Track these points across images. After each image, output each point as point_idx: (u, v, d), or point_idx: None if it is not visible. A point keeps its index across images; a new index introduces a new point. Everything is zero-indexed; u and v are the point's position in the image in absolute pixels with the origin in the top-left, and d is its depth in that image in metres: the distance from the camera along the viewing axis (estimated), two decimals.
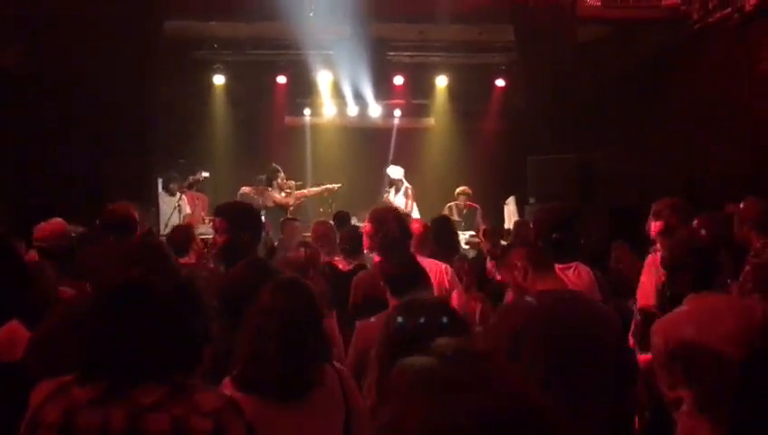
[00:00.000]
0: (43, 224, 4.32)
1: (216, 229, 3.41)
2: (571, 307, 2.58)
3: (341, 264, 4.70)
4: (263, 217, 7.09)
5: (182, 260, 4.00)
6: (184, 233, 4.49)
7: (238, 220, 3.34)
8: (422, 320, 1.71)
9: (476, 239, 8.71)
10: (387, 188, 8.72)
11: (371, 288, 3.48)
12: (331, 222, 5.67)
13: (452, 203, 9.18)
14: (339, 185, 8.94)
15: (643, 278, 3.68)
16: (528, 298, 2.60)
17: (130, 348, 1.56)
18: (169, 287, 1.63)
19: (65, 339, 1.84)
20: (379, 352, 1.70)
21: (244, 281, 2.57)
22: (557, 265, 3.37)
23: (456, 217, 9.04)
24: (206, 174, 8.97)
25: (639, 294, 3.66)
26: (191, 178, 8.99)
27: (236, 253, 3.20)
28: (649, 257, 3.74)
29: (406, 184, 8.74)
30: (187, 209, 8.71)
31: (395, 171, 8.77)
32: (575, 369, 2.42)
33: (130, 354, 1.56)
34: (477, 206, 9.23)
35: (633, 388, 2.70)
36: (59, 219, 4.41)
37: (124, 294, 1.60)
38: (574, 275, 3.42)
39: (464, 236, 8.91)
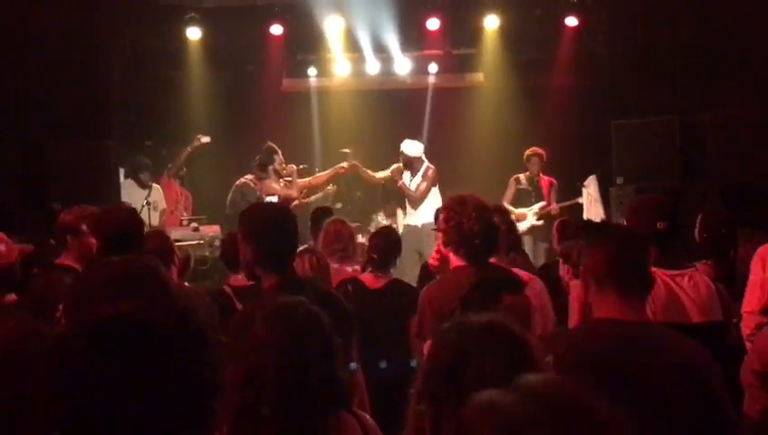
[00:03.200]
0: None
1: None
2: (635, 349, 2.48)
3: (369, 279, 4.85)
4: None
5: None
6: (160, 241, 4.53)
7: (256, 227, 3.37)
8: (467, 345, 1.76)
9: (548, 209, 8.83)
10: (402, 169, 8.78)
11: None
12: (349, 222, 5.79)
13: (520, 175, 9.41)
14: (353, 163, 9.00)
15: (751, 277, 3.78)
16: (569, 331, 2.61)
17: (125, 409, 1.51)
18: (170, 325, 1.61)
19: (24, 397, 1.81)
20: (423, 387, 1.77)
21: None
22: (664, 272, 3.43)
23: (524, 186, 9.13)
24: (206, 138, 9.13)
25: (746, 298, 3.77)
26: (188, 148, 9.14)
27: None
28: (761, 249, 3.81)
29: (426, 163, 8.78)
30: (163, 204, 8.89)
31: (411, 147, 8.82)
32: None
33: (125, 417, 1.51)
34: (554, 181, 9.34)
35: None
36: None
37: (115, 338, 1.55)
38: (689, 285, 3.46)
39: (531, 211, 9.01)
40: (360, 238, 8.13)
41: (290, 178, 8.66)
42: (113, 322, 1.60)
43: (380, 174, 9.22)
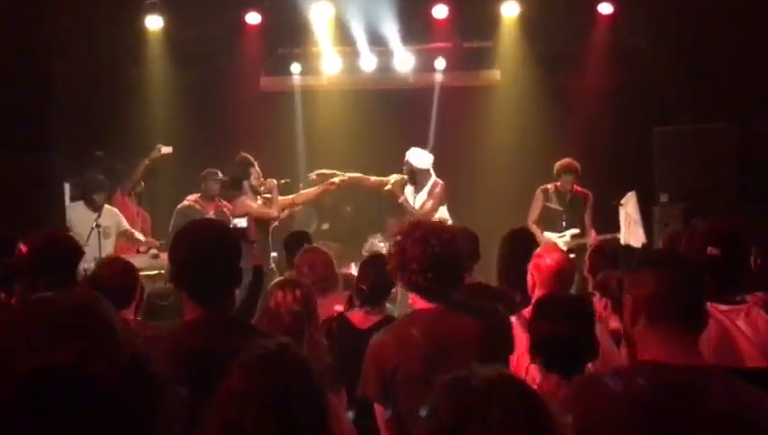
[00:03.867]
0: None
1: None
2: (685, 398, 2.48)
3: (358, 317, 4.89)
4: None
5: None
6: (127, 276, 4.64)
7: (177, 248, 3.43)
8: (478, 405, 1.77)
9: (583, 241, 8.85)
10: (405, 180, 8.81)
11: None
12: (323, 247, 5.94)
13: (549, 185, 9.35)
14: (344, 178, 9.03)
15: None
16: (610, 378, 2.60)
17: None
18: (117, 376, 1.61)
19: None
20: None
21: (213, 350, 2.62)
22: (717, 307, 3.47)
23: (553, 205, 9.14)
24: (167, 149, 9.19)
25: None
26: (146, 160, 9.20)
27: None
28: None
29: (434, 178, 8.82)
30: (122, 226, 8.89)
31: (419, 158, 8.86)
32: None
33: None
34: (589, 193, 9.38)
35: None
36: None
37: (51, 393, 1.54)
38: (746, 322, 3.49)
39: (563, 238, 9.01)
40: (353, 268, 8.15)
41: (269, 195, 8.64)
42: (49, 373, 1.58)
43: (377, 178, 9.23)
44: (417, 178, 8.86)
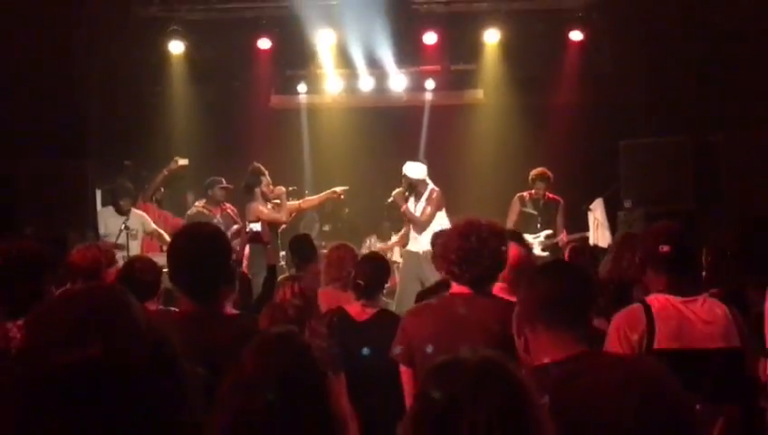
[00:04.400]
0: None
1: None
2: (575, 387, 2.45)
3: (355, 310, 4.85)
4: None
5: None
6: (153, 272, 4.76)
7: (171, 246, 3.45)
8: (460, 390, 1.73)
9: (556, 240, 8.86)
10: (405, 193, 8.77)
11: None
12: (352, 246, 5.91)
13: (524, 193, 9.35)
14: (345, 188, 9.03)
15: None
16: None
17: None
18: (143, 364, 1.57)
19: None
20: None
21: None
22: (675, 299, 3.50)
23: (529, 210, 9.14)
24: (183, 161, 9.19)
25: None
26: (165, 171, 9.18)
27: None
28: None
29: (431, 186, 8.75)
30: (149, 227, 8.87)
31: (414, 170, 8.75)
32: None
33: None
34: (560, 199, 9.39)
35: None
36: None
37: (79, 385, 1.49)
38: (704, 310, 3.51)
39: (537, 239, 9.02)
40: None
41: (278, 201, 8.62)
42: (81, 367, 1.54)
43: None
44: (416, 188, 8.71)
